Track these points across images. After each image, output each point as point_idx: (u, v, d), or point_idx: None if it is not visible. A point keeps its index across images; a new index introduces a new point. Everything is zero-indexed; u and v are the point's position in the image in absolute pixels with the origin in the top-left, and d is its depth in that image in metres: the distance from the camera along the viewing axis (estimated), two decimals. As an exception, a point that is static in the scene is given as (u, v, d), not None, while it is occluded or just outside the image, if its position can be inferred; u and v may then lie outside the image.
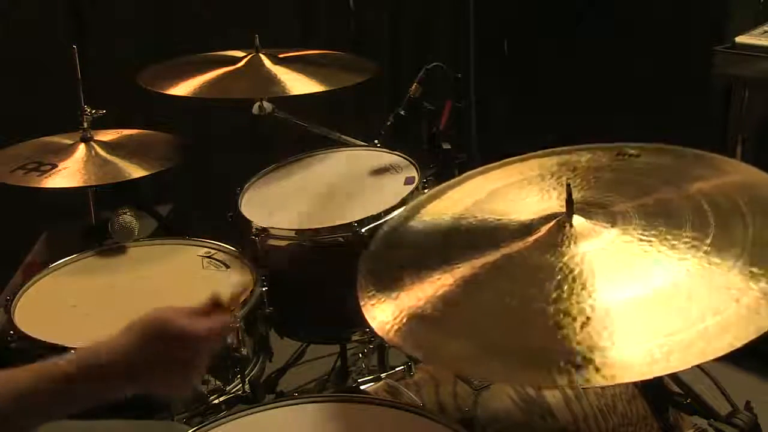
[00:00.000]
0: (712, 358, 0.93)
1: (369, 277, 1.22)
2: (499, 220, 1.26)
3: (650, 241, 1.11)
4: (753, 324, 0.96)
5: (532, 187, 1.34)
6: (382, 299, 1.16)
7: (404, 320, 1.11)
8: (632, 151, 1.35)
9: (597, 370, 0.95)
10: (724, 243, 1.08)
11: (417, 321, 1.11)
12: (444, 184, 1.47)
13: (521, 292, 1.10)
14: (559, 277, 1.09)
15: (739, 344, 0.94)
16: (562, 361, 0.97)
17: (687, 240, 1.10)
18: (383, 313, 1.14)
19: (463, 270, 1.16)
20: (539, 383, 1.27)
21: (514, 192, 1.34)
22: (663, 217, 1.16)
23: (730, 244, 1.08)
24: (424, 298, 1.14)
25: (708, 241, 1.09)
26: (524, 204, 1.29)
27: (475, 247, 1.20)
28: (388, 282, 1.19)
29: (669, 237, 1.11)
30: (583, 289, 1.06)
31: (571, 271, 1.09)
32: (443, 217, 1.32)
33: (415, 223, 1.35)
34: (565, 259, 1.11)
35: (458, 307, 1.12)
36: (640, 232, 1.14)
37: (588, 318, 1.02)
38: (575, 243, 1.14)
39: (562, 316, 1.03)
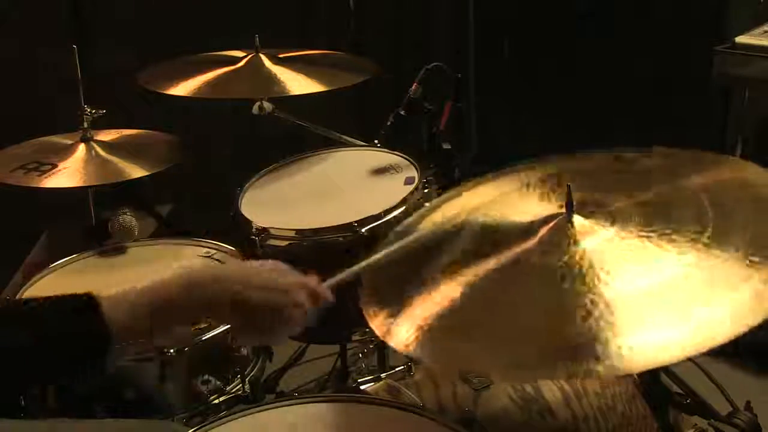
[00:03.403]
0: (718, 343, 0.94)
1: (375, 293, 1.21)
2: (500, 224, 1.27)
3: (650, 236, 1.12)
4: (757, 310, 0.97)
5: (531, 191, 1.34)
6: (398, 319, 1.15)
7: (419, 332, 1.11)
8: (631, 156, 1.36)
9: (603, 361, 0.96)
10: (724, 235, 1.09)
11: (430, 330, 1.11)
12: (440, 197, 1.48)
13: (526, 291, 1.11)
14: (561, 274, 1.09)
15: (743, 329, 0.94)
16: (570, 353, 0.98)
17: (687, 233, 1.10)
18: (401, 331, 1.13)
19: (467, 275, 1.17)
20: (549, 377, 1.29)
21: (512, 198, 1.35)
22: (662, 211, 1.17)
23: (729, 235, 1.09)
24: (432, 307, 1.14)
25: (707, 233, 1.10)
26: (524, 208, 1.29)
27: (478, 252, 1.21)
28: (396, 297, 1.19)
29: (668, 230, 1.12)
30: (584, 284, 1.06)
31: (574, 268, 1.10)
32: (443, 226, 1.32)
33: (416, 233, 1.35)
34: (567, 257, 1.12)
35: (465, 312, 1.13)
36: (639, 227, 1.14)
37: (590, 312, 1.02)
38: (576, 242, 1.14)
39: (566, 311, 1.03)
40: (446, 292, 1.15)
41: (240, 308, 1.12)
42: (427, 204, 1.54)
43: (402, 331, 1.12)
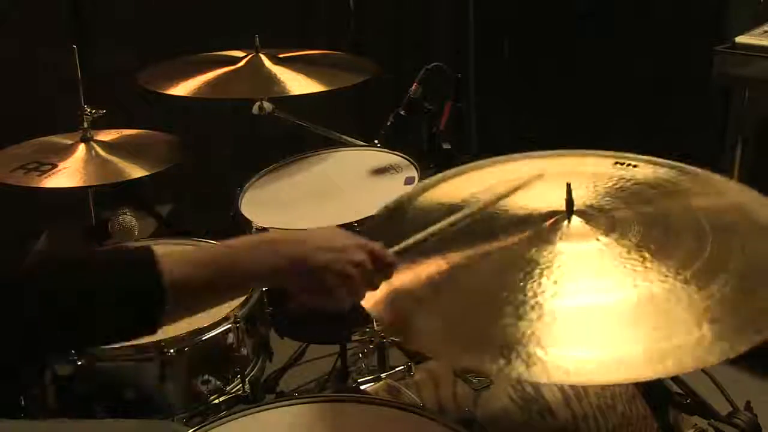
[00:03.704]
0: (628, 381, 0.94)
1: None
2: (498, 212, 1.27)
3: (649, 247, 1.11)
4: (744, 338, 0.96)
5: (532, 186, 1.34)
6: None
7: (388, 296, 1.13)
8: (631, 162, 1.36)
9: (539, 365, 0.96)
10: (720, 260, 1.08)
11: (399, 298, 1.13)
12: (444, 173, 1.48)
13: (504, 281, 1.10)
14: (553, 271, 1.10)
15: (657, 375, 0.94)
16: (510, 350, 0.98)
17: (683, 253, 1.10)
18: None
19: (454, 256, 1.17)
20: (484, 369, 1.23)
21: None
22: (662, 228, 1.17)
23: (725, 261, 1.08)
24: (411, 278, 1.15)
25: (704, 256, 1.09)
26: (525, 200, 1.29)
27: (471, 236, 1.21)
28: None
29: (666, 247, 1.12)
30: (565, 286, 1.07)
31: (548, 267, 1.10)
32: (442, 205, 1.32)
33: (415, 206, 1.36)
34: (558, 256, 1.12)
35: (438, 289, 1.14)
36: (637, 239, 1.14)
37: (543, 314, 1.03)
38: (569, 242, 1.15)
39: (528, 308, 1.04)
40: (427, 266, 1.16)
41: (298, 268, 1.11)
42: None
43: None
